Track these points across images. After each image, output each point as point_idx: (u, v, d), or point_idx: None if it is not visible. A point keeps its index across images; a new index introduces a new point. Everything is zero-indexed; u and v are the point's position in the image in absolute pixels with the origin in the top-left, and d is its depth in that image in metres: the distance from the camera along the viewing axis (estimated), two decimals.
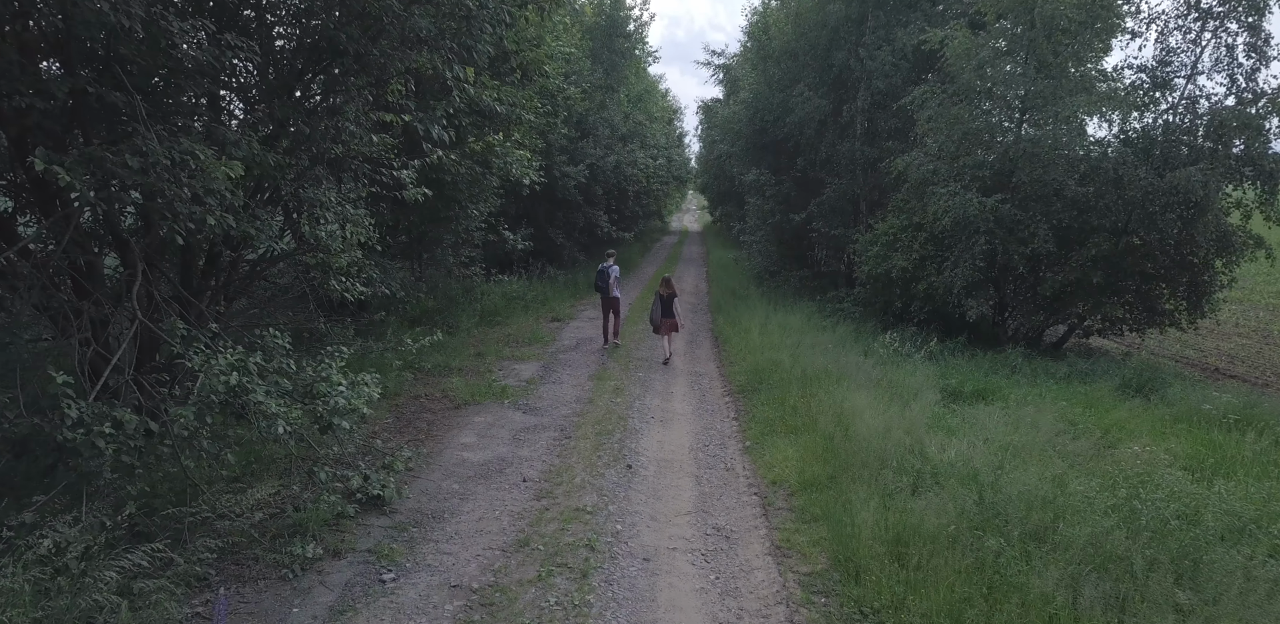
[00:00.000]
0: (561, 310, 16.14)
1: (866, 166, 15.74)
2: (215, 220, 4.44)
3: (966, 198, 10.83)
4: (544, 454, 7.28)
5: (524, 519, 5.72)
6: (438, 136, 6.63)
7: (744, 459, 7.38)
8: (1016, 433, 6.49)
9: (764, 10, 21.04)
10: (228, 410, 4.76)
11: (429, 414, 8.58)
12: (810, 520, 5.64)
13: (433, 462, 6.96)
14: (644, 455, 7.35)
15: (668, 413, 8.90)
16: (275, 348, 5.28)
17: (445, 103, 6.69)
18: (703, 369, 11.37)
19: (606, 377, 10.47)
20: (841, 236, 16.29)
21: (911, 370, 9.34)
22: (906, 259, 12.16)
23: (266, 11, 6.23)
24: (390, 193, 7.54)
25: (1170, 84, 10.57)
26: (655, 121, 34.07)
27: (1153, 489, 5.01)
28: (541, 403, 9.12)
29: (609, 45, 23.30)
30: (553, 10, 7.90)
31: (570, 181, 19.06)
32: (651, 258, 30.82)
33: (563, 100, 14.85)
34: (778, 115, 17.97)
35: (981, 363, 10.27)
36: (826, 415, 7.45)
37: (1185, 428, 7.37)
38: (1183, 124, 10.63)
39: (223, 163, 4.34)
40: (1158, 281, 11.26)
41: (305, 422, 4.86)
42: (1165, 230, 10.18)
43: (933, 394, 8.07)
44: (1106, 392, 8.40)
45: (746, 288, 19.14)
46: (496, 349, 11.99)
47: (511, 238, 13.10)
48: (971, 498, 5.01)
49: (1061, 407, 7.64)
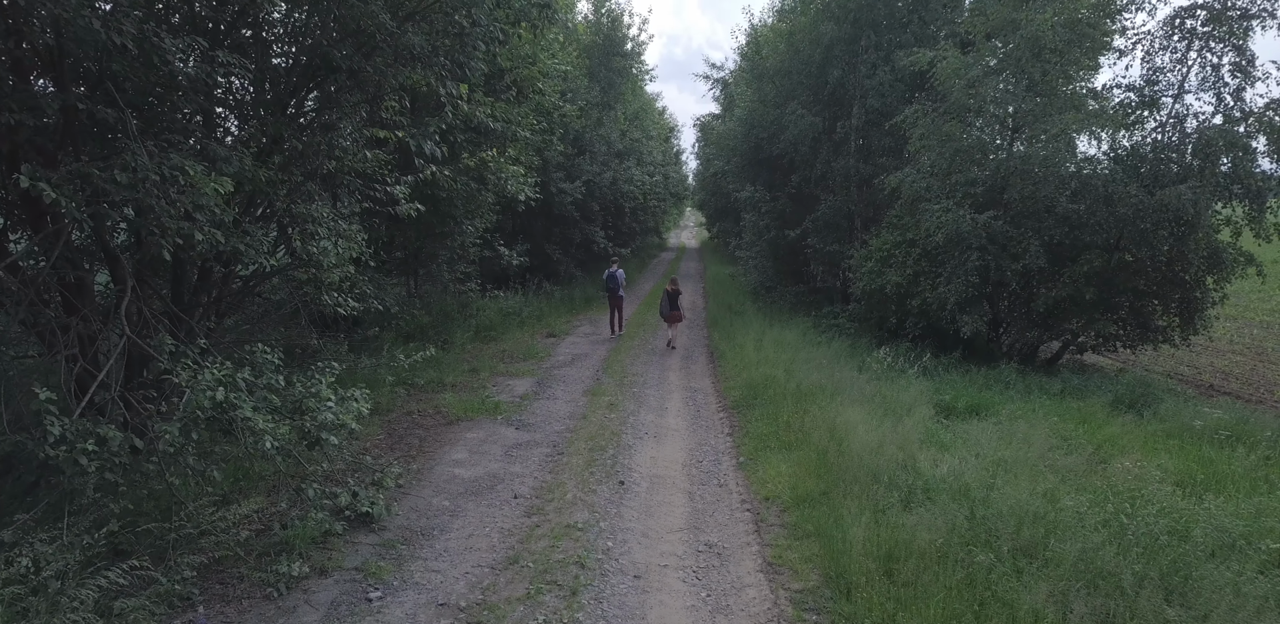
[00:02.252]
0: (557, 326, 16.13)
1: (861, 183, 15.84)
2: (204, 236, 4.45)
3: (959, 214, 10.89)
4: (536, 470, 7.24)
5: (514, 536, 5.67)
6: (430, 152, 6.67)
7: (737, 475, 7.34)
8: (1008, 448, 6.47)
9: (756, 30, 21.27)
10: (215, 426, 4.75)
11: (421, 430, 8.54)
12: (803, 536, 5.60)
13: (423, 478, 6.92)
14: (637, 471, 7.31)
15: (662, 428, 8.87)
16: (264, 363, 5.27)
17: (438, 119, 6.73)
18: (698, 384, 11.34)
19: (601, 392, 10.44)
20: (836, 253, 16.35)
21: (905, 386, 9.33)
22: (901, 275, 12.19)
23: (262, 29, 6.29)
24: (384, 208, 7.57)
25: (1158, 103, 10.69)
26: (652, 139, 34.34)
27: (1143, 505, 4.98)
28: (535, 419, 9.08)
29: (606, 64, 23.54)
30: (545, 28, 7.99)
31: (567, 198, 19.16)
32: (649, 273, 30.87)
33: (559, 117, 14.97)
34: (772, 132, 18.11)
35: (976, 378, 10.26)
36: (820, 431, 7.42)
37: (1177, 444, 7.35)
38: (1171, 142, 10.72)
39: (212, 178, 4.37)
40: (1150, 298, 11.28)
41: (293, 437, 4.83)
42: (1156, 247, 10.22)
43: (926, 409, 8.06)
44: (1099, 407, 8.38)
45: (742, 303, 19.17)
46: (491, 365, 11.96)
47: (507, 254, 13.13)
48: (963, 513, 4.98)
49: (1054, 422, 7.61)
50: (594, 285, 22.07)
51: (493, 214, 13.83)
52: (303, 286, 6.94)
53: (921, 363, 9.78)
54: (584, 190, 20.08)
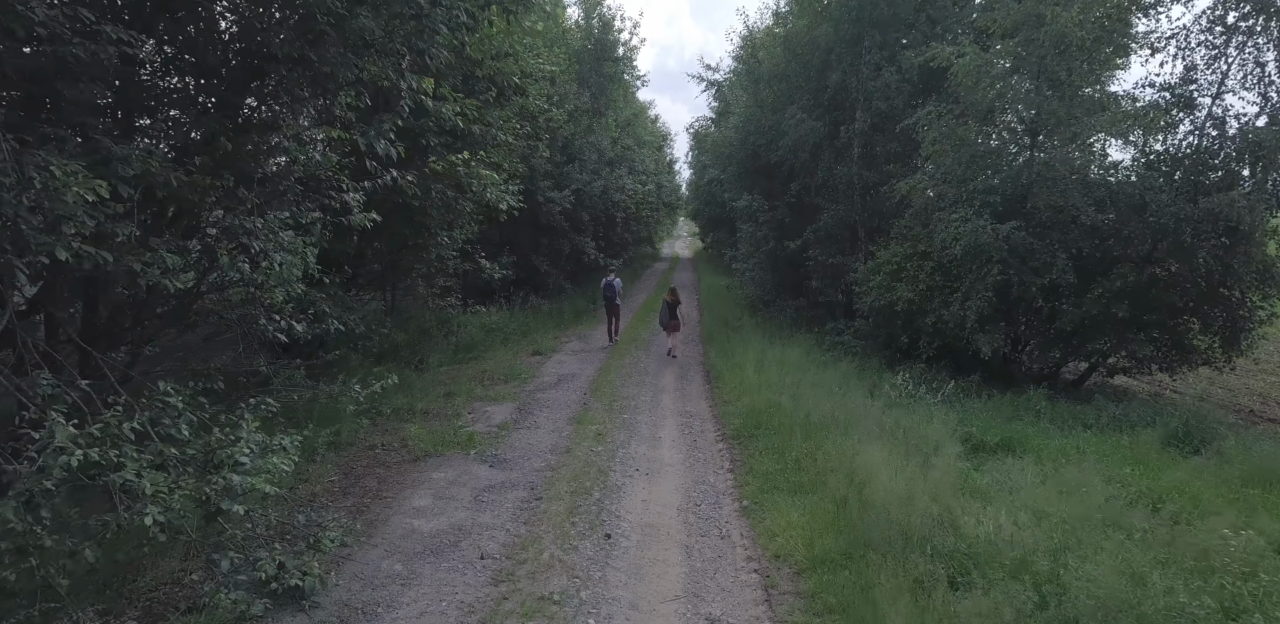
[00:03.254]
0: (544, 343, 15.14)
1: (865, 191, 14.96)
2: (69, 253, 3.48)
3: (979, 224, 9.96)
4: (509, 520, 6.26)
5: (476, 613, 4.70)
6: (383, 152, 5.73)
7: (741, 523, 6.39)
8: (1062, 501, 5.49)
9: (752, 32, 20.48)
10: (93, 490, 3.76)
11: (382, 469, 7.54)
12: (823, 612, 4.65)
13: (375, 532, 5.92)
14: (626, 520, 6.36)
15: (655, 463, 7.92)
16: (167, 408, 4.28)
17: (393, 114, 5.79)
18: (694, 408, 10.40)
19: (588, 420, 9.49)
20: (839, 265, 15.42)
21: (926, 416, 8.38)
22: (913, 290, 11.24)
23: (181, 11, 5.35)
24: (337, 219, 6.61)
25: (1194, 103, 9.81)
26: (645, 146, 33.49)
27: (1266, 593, 3.94)
28: (512, 453, 8.12)
29: (597, 69, 22.77)
30: (522, 14, 7.10)
31: (555, 207, 18.26)
32: (642, 285, 29.93)
33: (544, 122, 14.05)
34: (770, 138, 17.25)
35: (1000, 406, 9.29)
36: (837, 474, 6.47)
37: (1261, 494, 6.20)
38: (1211, 146, 9.82)
39: (78, 181, 3.40)
40: (1188, 316, 10.34)
41: (189, 506, 3.84)
42: (1199, 260, 9.30)
43: (954, 446, 7.10)
44: (1152, 444, 7.37)
45: (739, 318, 18.22)
46: (469, 388, 10.97)
47: (488, 266, 12.16)
48: (1029, 597, 4.00)
49: (1107, 465, 6.61)
50: (584, 298, 21.17)
51: (474, 224, 12.90)
52: (236, 309, 5.96)
53: (944, 391, 8.77)
54: (573, 199, 19.17)
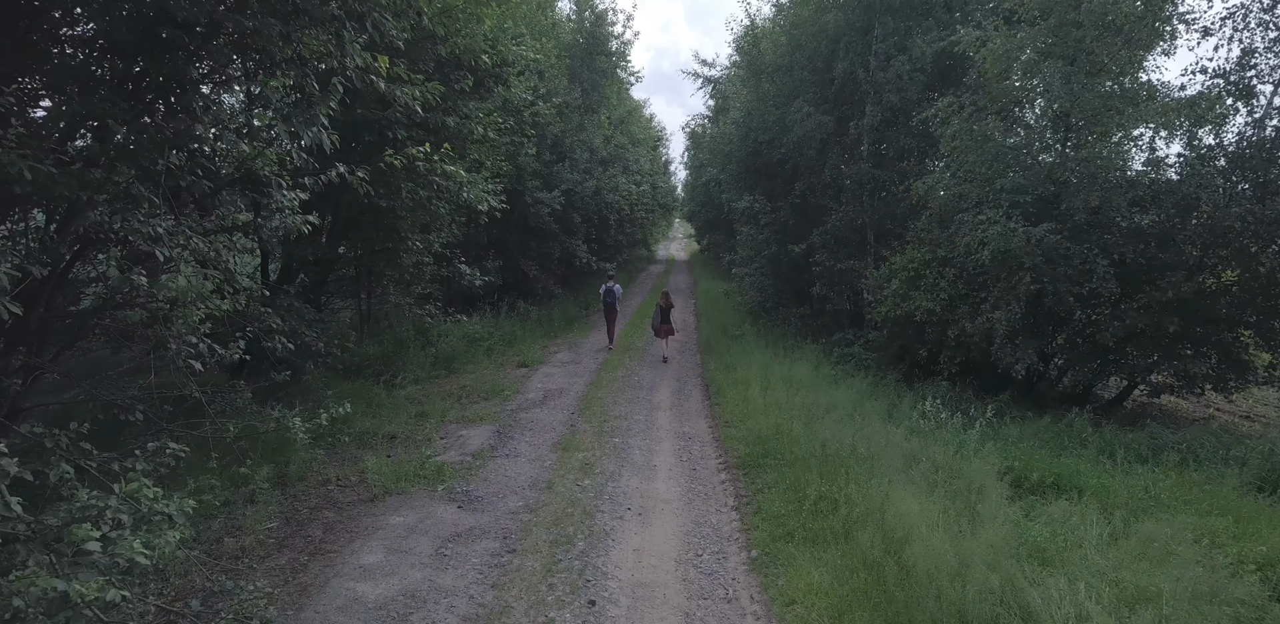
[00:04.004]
0: (530, 354, 14.06)
1: (875, 191, 13.93)
2: None
3: (1009, 227, 8.92)
4: (473, 582, 5.23)
5: None
6: (312, 142, 4.69)
7: (751, 581, 5.39)
8: (1149, 568, 4.45)
9: (753, 23, 19.45)
10: None
11: (332, 511, 6.49)
12: None
13: (309, 602, 4.87)
14: (614, 578, 5.34)
15: (648, 500, 6.91)
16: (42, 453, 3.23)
17: (326, 95, 4.76)
18: (692, 429, 9.37)
19: (574, 446, 8.46)
20: (848, 271, 14.35)
21: (956, 445, 7.35)
22: (933, 299, 10.18)
23: None
24: (276, 221, 5.56)
25: (1253, 91, 8.79)
26: (639, 145, 32.43)
27: None
28: (486, 489, 7.09)
29: (589, 63, 21.75)
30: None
31: (544, 208, 17.21)
32: (637, 288, 28.87)
33: (530, 117, 13.00)
34: (773, 135, 16.20)
35: (1038, 432, 8.21)
36: (866, 527, 5.42)
37: None
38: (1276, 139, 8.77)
39: None
40: (1246, 330, 9.25)
41: None
42: (1263, 268, 8.25)
43: (998, 486, 6.06)
44: (1233, 488, 6.29)
45: (740, 326, 17.15)
46: (444, 408, 9.91)
47: (468, 272, 11.09)
48: None
49: (1188, 515, 5.54)
50: (576, 304, 20.12)
51: (455, 227, 11.86)
52: (142, 330, 4.90)
53: (984, 419, 7.66)
54: (563, 200, 18.11)
